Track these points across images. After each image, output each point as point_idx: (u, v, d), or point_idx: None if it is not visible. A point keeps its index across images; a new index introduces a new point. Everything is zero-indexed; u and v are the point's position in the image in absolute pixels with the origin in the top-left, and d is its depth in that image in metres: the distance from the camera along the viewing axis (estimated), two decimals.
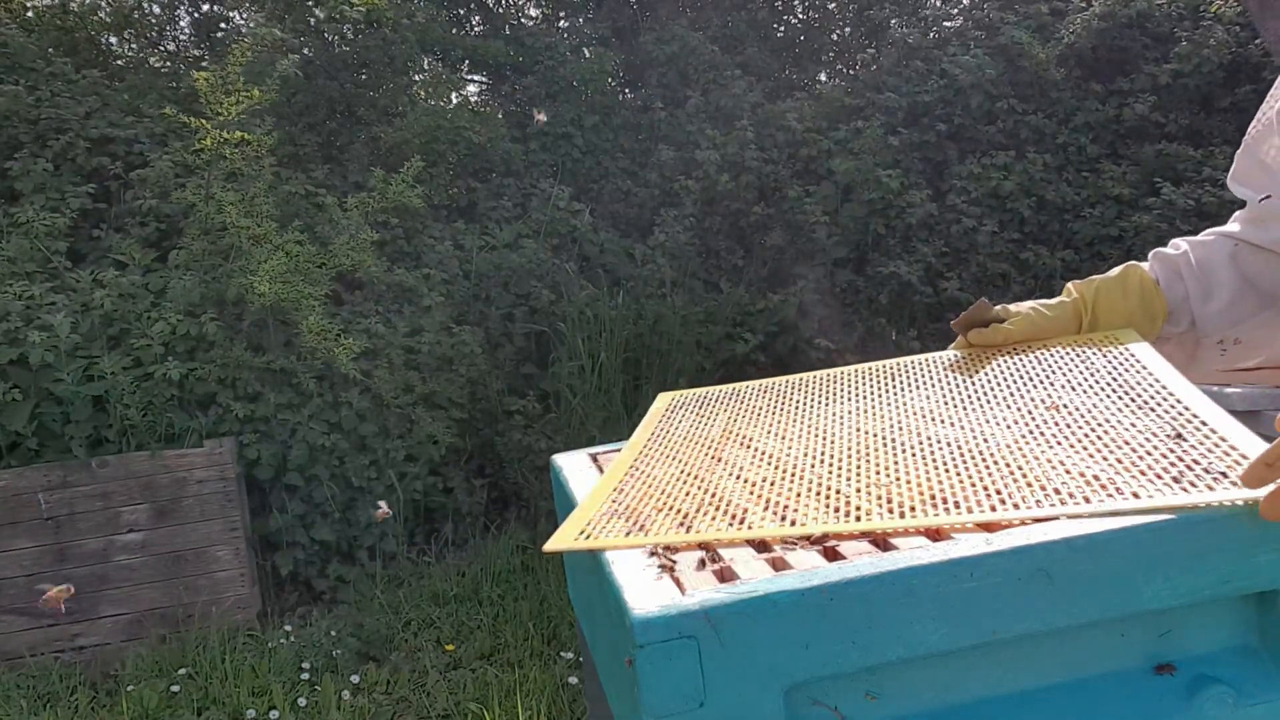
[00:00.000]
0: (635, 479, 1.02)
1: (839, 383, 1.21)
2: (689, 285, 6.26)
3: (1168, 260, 1.18)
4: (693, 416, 1.21)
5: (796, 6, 9.00)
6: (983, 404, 1.02)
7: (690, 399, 1.29)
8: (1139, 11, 6.59)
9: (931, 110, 6.74)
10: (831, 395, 1.17)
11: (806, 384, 1.23)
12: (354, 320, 4.86)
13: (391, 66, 6.34)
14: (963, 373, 1.12)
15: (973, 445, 0.93)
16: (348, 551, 4.62)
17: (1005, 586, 0.71)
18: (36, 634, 4.03)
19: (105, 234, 4.88)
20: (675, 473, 1.02)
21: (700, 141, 6.67)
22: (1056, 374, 1.05)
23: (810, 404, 1.15)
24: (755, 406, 1.19)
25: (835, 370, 1.25)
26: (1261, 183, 1.08)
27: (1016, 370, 1.09)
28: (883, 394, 1.12)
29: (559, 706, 3.46)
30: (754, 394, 1.25)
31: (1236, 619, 0.77)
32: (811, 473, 0.94)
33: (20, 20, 5.86)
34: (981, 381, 1.08)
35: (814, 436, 1.03)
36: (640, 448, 1.13)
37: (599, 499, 0.97)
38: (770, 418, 1.13)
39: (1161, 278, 1.17)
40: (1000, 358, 1.13)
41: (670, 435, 1.15)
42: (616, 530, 0.88)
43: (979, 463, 0.88)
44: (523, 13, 8.65)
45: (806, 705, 0.71)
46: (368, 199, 4.98)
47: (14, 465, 4.10)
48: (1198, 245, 1.17)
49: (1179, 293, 1.16)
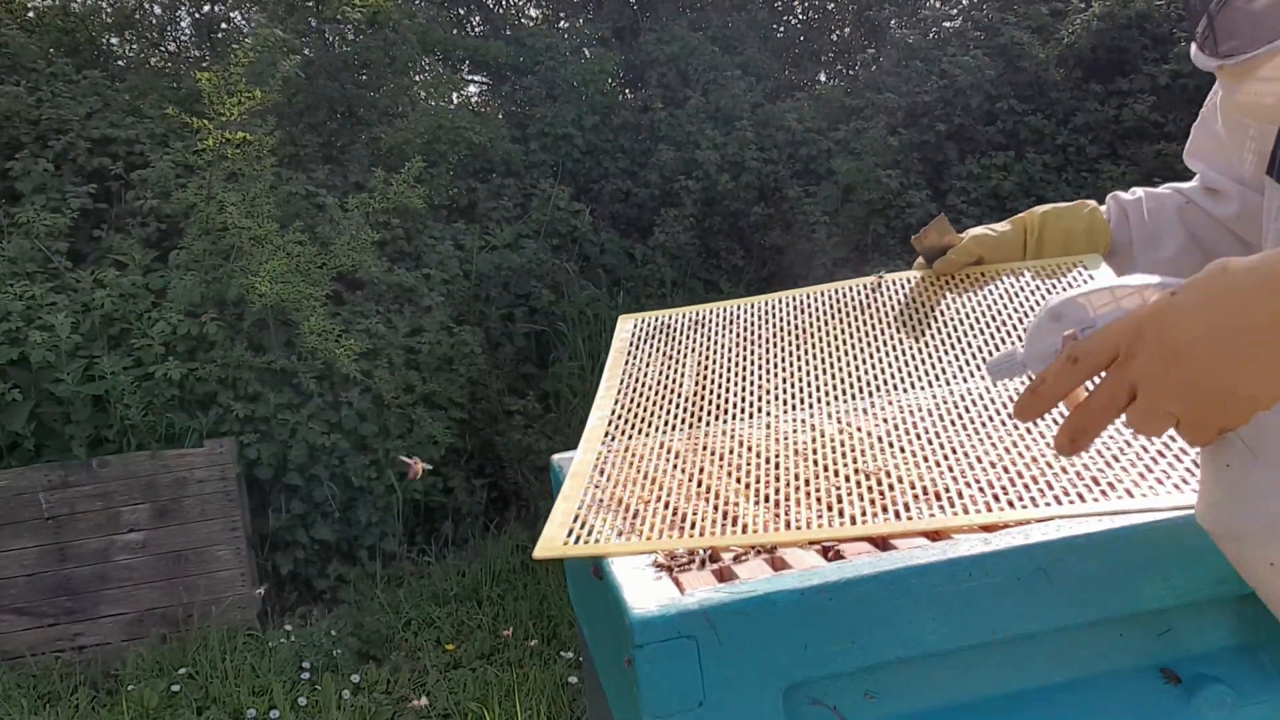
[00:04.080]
0: (615, 452, 1.01)
1: (805, 315, 1.20)
2: (689, 285, 6.26)
3: (1120, 202, 1.21)
4: (660, 358, 1.19)
5: (796, 7, 9.00)
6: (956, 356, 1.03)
7: (654, 328, 1.27)
8: (1138, 12, 6.59)
9: (931, 110, 6.73)
10: (799, 335, 1.16)
11: (772, 314, 1.22)
12: (354, 320, 4.85)
13: (392, 67, 6.33)
14: (930, 311, 1.14)
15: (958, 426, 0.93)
16: (348, 551, 4.62)
17: (1004, 586, 0.71)
18: (37, 634, 4.03)
19: (106, 234, 4.88)
20: (654, 445, 1.01)
21: (700, 141, 6.66)
22: (1013, 306, 1.08)
23: (779, 348, 1.14)
24: (723, 348, 1.17)
25: (797, 295, 1.24)
26: (1215, 160, 1.10)
27: (987, 310, 1.10)
28: (851, 339, 1.12)
29: (559, 706, 3.46)
30: (719, 326, 1.23)
31: (1235, 619, 0.77)
32: (795, 454, 0.93)
33: (21, 21, 5.85)
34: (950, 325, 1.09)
35: (789, 407, 1.02)
36: (613, 401, 1.11)
37: (581, 479, 0.96)
38: (741, 370, 1.12)
39: (1113, 217, 1.20)
40: (965, 293, 1.15)
41: (642, 384, 1.13)
42: (607, 529, 0.87)
43: (970, 454, 0.88)
44: (523, 13, 8.65)
45: (806, 705, 0.71)
46: (368, 199, 4.98)
47: (14, 465, 4.10)
48: (1152, 196, 1.20)
49: (1125, 235, 1.18)
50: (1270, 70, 0.73)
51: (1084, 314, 0.65)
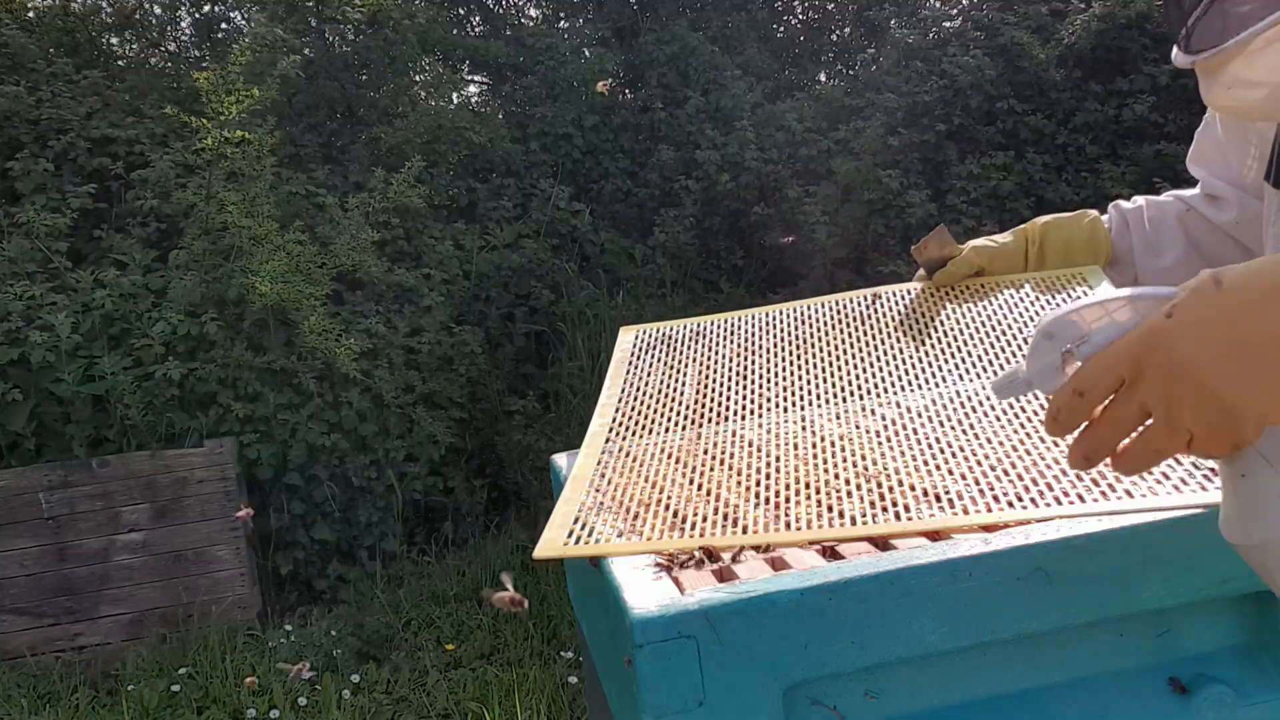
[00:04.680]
0: (616, 456, 1.02)
1: (806, 326, 1.20)
2: (689, 285, 6.26)
3: (1122, 211, 1.21)
4: (661, 368, 1.19)
5: (796, 7, 9.00)
6: (956, 364, 1.03)
7: (655, 339, 1.27)
8: (1138, 12, 6.58)
9: (931, 110, 6.73)
10: (799, 345, 1.16)
11: (772, 325, 1.22)
12: (354, 320, 4.86)
13: (392, 67, 6.33)
14: (930, 321, 1.14)
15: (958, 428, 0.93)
16: (348, 551, 4.62)
17: (1004, 586, 0.71)
18: (36, 634, 4.03)
19: (106, 234, 4.88)
20: (655, 448, 1.01)
21: (700, 141, 6.66)
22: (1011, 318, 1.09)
23: (780, 357, 1.14)
24: (724, 357, 1.18)
25: (797, 306, 1.24)
26: (1217, 166, 1.10)
27: (983, 318, 1.11)
28: (851, 347, 1.12)
29: (559, 706, 3.46)
30: (720, 337, 1.23)
31: (1235, 619, 0.77)
32: (796, 457, 0.93)
33: (21, 20, 5.85)
34: (950, 335, 1.10)
35: (790, 410, 1.03)
36: (615, 407, 1.11)
37: (582, 483, 0.97)
38: (742, 378, 1.12)
39: (1114, 226, 1.20)
40: (966, 304, 1.15)
41: (643, 392, 1.14)
42: (607, 529, 0.87)
43: (970, 453, 0.88)
44: (523, 13, 8.65)
45: (806, 705, 0.71)
46: (368, 199, 4.98)
47: (14, 465, 4.10)
48: (1153, 204, 1.20)
49: (1126, 243, 1.18)
50: (1241, 64, 0.72)
51: (1076, 330, 0.65)
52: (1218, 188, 1.10)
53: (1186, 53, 0.77)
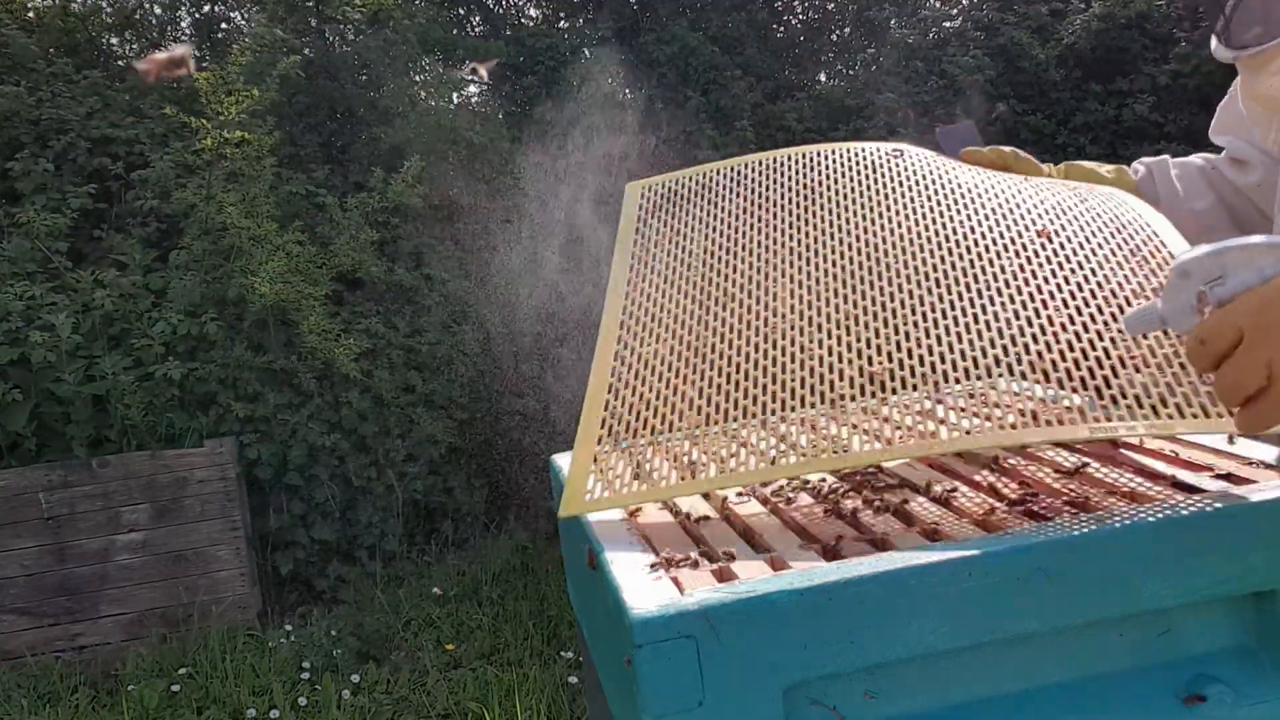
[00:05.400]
0: (628, 362, 1.00)
1: (818, 181, 1.13)
2: None
3: (1147, 164, 1.23)
4: (669, 232, 1.15)
5: (796, 7, 8.99)
6: (973, 227, 1.00)
7: (661, 196, 1.24)
8: (1138, 13, 6.59)
9: (931, 110, 6.73)
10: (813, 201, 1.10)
11: (782, 177, 1.16)
12: (354, 320, 4.86)
13: (392, 67, 6.33)
14: (950, 179, 1.10)
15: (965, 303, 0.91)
16: (348, 551, 4.62)
17: (1004, 586, 0.71)
18: (37, 634, 4.03)
19: (106, 234, 4.88)
20: (666, 351, 0.99)
21: (700, 141, 6.66)
22: (1046, 195, 1.06)
23: (792, 222, 1.09)
24: (730, 215, 1.13)
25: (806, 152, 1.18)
26: (1242, 135, 1.11)
27: (1007, 186, 1.08)
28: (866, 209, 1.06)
29: (559, 706, 3.46)
30: (726, 190, 1.19)
31: (1234, 619, 0.77)
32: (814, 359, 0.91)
33: (21, 20, 5.85)
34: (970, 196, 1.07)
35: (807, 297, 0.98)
36: (624, 296, 1.08)
37: (597, 403, 0.96)
38: (752, 250, 1.07)
39: (1139, 175, 1.22)
40: (989, 174, 1.12)
41: (651, 269, 1.10)
42: (623, 473, 0.88)
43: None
44: (523, 14, 8.65)
45: (805, 705, 0.71)
46: (368, 199, 4.98)
47: (14, 465, 4.10)
48: (1176, 161, 1.22)
49: (1151, 190, 1.19)
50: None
51: (1213, 269, 0.64)
52: (1244, 150, 1.11)
53: (1228, 47, 0.77)
